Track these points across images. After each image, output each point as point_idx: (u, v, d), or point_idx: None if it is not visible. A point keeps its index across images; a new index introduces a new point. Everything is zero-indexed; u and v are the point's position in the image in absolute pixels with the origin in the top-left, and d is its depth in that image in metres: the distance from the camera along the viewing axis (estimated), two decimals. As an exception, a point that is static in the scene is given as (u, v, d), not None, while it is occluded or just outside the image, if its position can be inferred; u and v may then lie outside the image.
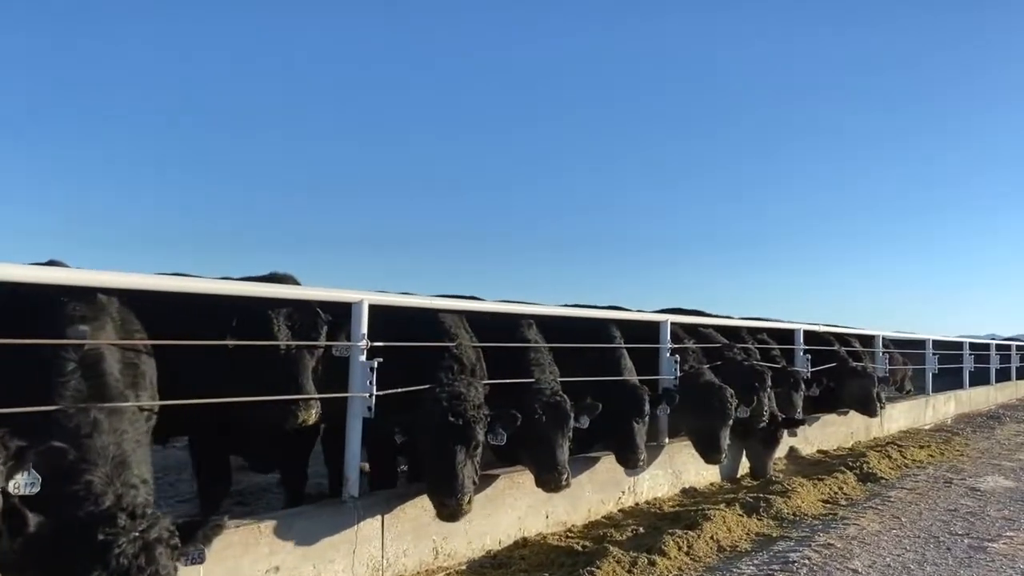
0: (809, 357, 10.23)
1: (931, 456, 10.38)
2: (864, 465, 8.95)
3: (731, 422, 7.24)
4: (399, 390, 4.64)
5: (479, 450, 4.60)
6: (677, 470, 7.51)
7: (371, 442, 5.39)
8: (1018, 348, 24.85)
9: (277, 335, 4.31)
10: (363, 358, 4.54)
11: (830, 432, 10.76)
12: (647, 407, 6.36)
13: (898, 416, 13.46)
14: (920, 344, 16.34)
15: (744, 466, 8.56)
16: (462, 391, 4.76)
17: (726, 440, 7.18)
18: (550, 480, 5.21)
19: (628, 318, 7.55)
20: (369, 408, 4.55)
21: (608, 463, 6.47)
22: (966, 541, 6.01)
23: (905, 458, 9.95)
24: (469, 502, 4.42)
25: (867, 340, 13.12)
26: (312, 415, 4.30)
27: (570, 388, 6.08)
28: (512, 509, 5.54)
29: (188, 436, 5.13)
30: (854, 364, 10.75)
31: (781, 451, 9.48)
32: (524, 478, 5.63)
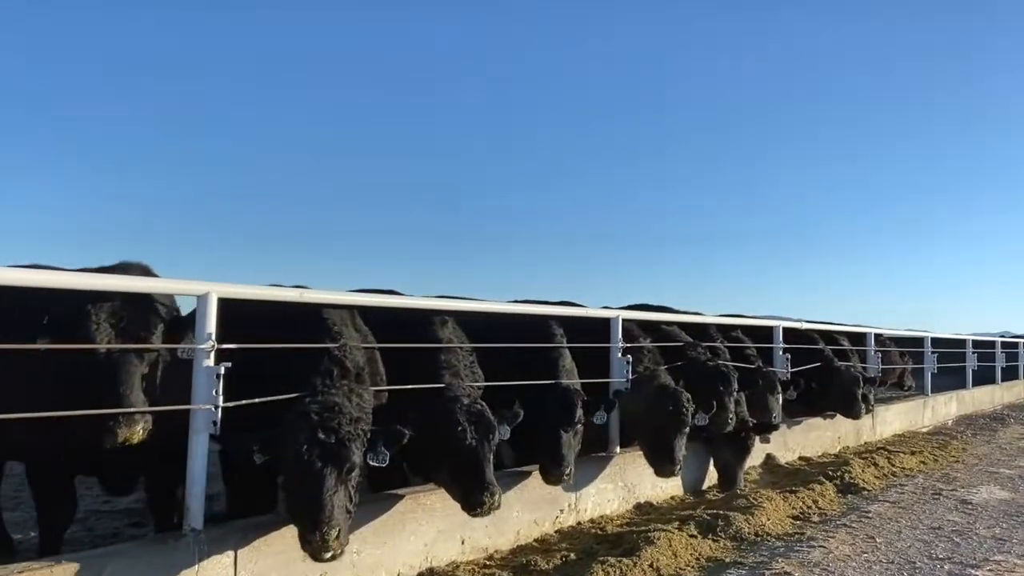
0: (789, 357, 9.45)
1: (923, 463, 9.57)
2: (846, 474, 8.15)
3: (687, 430, 6.48)
4: (255, 400, 3.90)
5: (354, 473, 3.86)
6: (630, 483, 6.75)
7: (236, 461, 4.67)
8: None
9: (94, 335, 3.58)
10: (209, 362, 3.81)
11: (814, 437, 9.97)
12: (577, 413, 5.60)
13: (892, 419, 12.65)
14: (919, 342, 15.52)
15: (713, 476, 7.81)
16: (337, 402, 4.02)
17: (680, 450, 6.41)
18: (476, 503, 4.43)
19: (573, 314, 6.79)
20: (215, 422, 3.81)
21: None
22: (946, 567, 5.23)
23: (893, 466, 9.14)
24: (338, 536, 3.67)
25: (858, 338, 12.29)
26: (137, 431, 3.58)
27: (495, 393, 5.38)
28: (416, 535, 4.80)
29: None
30: (838, 364, 9.95)
31: (757, 459, 8.72)
32: (434, 498, 4.90)
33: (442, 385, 4.93)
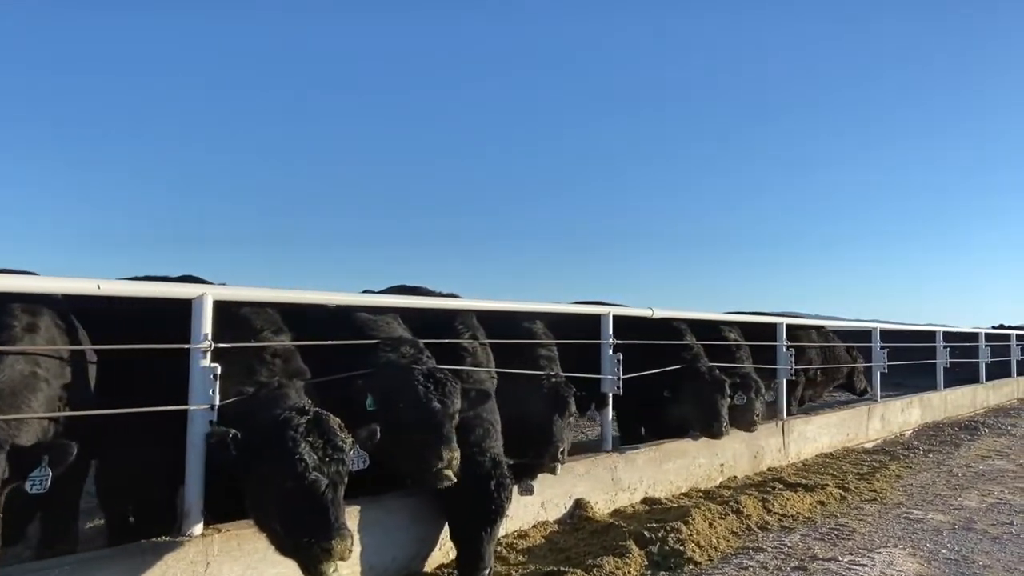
0: (620, 357, 6.62)
1: (820, 504, 6.69)
2: (672, 535, 5.30)
3: (343, 480, 3.67)
4: None
5: None
6: (231, 582, 3.93)
7: None
8: (1019, 338, 20.73)
9: None
10: None
11: (673, 469, 7.10)
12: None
13: (816, 433, 9.75)
14: (866, 336, 12.61)
15: (449, 550, 4.97)
16: None
17: (336, 514, 3.57)
18: None
19: (64, 290, 3.94)
20: None
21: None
22: None
23: (769, 511, 6.28)
24: None
25: (765, 330, 9.36)
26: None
27: None
28: None
29: None
30: (700, 364, 7.10)
31: (560, 509, 5.90)
32: None
33: None
